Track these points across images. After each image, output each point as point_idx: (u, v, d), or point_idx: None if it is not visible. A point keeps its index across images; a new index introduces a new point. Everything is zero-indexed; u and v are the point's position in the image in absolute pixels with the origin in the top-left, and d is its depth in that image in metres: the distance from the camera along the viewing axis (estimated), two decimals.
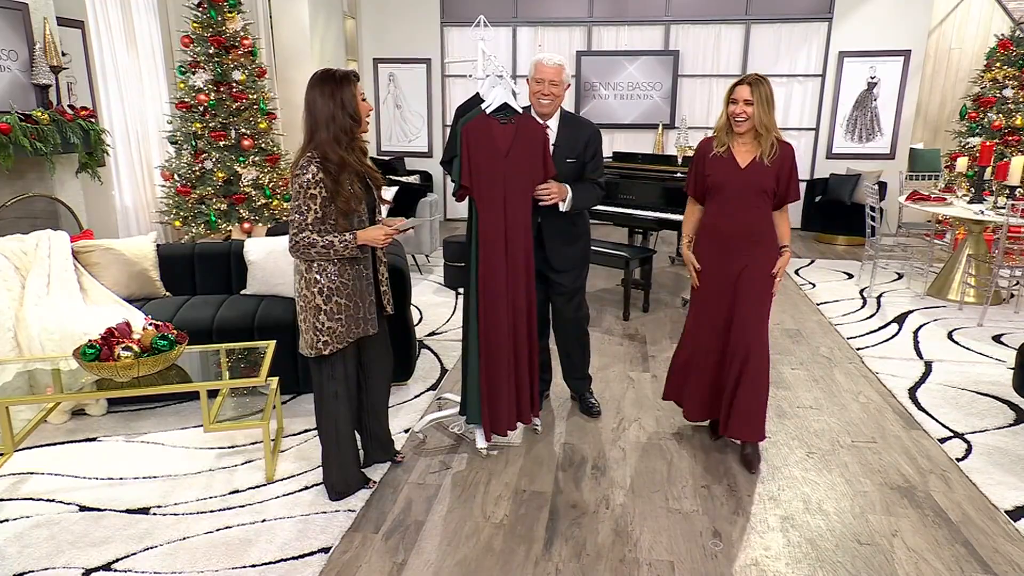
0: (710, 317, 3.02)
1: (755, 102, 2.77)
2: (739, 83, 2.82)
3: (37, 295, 3.40)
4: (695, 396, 3.15)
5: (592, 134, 3.18)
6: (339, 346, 2.55)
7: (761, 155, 2.83)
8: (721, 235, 2.94)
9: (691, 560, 2.42)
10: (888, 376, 4.02)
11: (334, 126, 2.43)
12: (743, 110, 2.79)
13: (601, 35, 8.43)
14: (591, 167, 3.18)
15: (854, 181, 7.46)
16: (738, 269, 2.91)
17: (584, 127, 3.20)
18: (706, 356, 3.05)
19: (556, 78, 3.03)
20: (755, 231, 2.90)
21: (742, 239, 2.90)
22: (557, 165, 3.07)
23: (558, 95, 3.07)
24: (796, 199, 2.92)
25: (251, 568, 2.34)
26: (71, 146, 4.36)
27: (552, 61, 3.04)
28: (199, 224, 5.44)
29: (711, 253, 2.98)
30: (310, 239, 2.43)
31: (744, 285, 2.91)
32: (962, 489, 2.88)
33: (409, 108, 8.88)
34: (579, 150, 3.14)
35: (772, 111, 2.80)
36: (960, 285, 5.43)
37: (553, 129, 3.13)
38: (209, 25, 5.32)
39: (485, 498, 2.78)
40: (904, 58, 7.84)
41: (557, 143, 3.12)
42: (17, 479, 2.89)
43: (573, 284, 3.29)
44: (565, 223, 3.18)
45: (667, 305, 5.44)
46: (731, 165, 2.88)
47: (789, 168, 2.85)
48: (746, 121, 2.80)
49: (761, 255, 2.91)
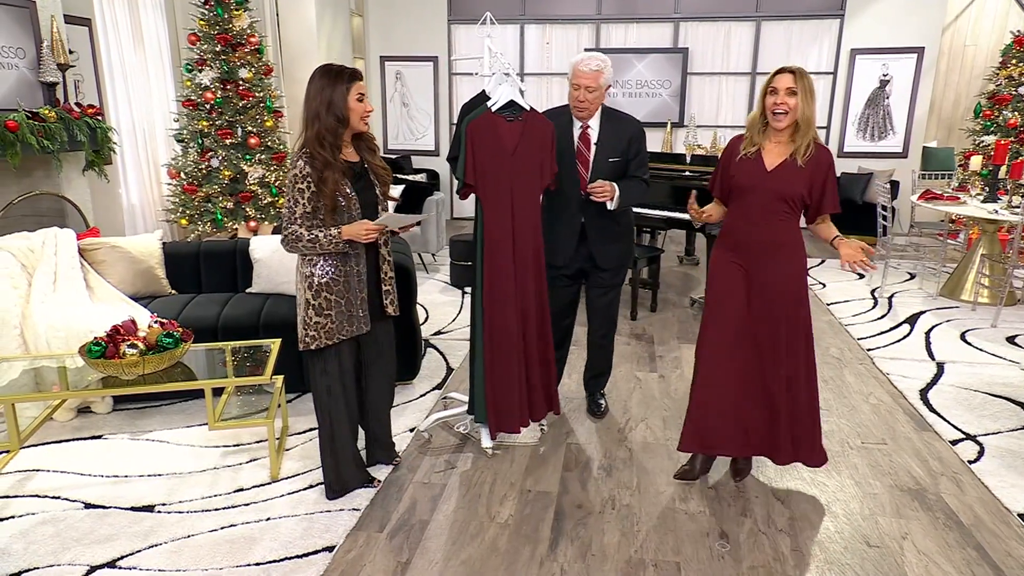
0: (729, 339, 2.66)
1: (799, 92, 2.44)
2: (779, 72, 2.48)
3: (43, 293, 3.40)
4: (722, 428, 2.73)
5: (636, 132, 3.08)
6: (328, 342, 2.54)
7: (794, 155, 2.51)
8: (740, 244, 2.64)
9: (698, 561, 2.39)
10: (899, 377, 3.97)
11: (318, 124, 2.42)
12: (784, 101, 2.45)
13: (610, 33, 8.38)
14: (635, 164, 3.09)
15: (865, 180, 7.38)
16: (759, 285, 2.62)
17: (627, 124, 3.10)
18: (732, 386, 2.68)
19: (593, 84, 2.93)
20: (778, 243, 2.59)
21: (763, 251, 2.60)
22: (599, 164, 3.03)
23: (595, 101, 2.98)
24: (834, 210, 2.58)
25: (255, 566, 2.33)
26: (78, 144, 4.37)
27: (589, 67, 2.92)
28: (205, 222, 5.44)
29: (728, 264, 2.67)
30: (297, 232, 2.44)
31: (773, 307, 2.61)
32: (974, 492, 2.83)
33: (416, 106, 8.86)
34: (622, 148, 3.05)
35: (815, 104, 2.50)
36: (973, 285, 5.36)
37: (595, 128, 3.06)
38: (216, 23, 5.33)
39: (490, 498, 2.76)
40: (917, 55, 7.75)
41: (599, 141, 3.05)
42: (23, 476, 2.90)
43: (612, 280, 3.27)
44: (609, 221, 3.12)
45: (675, 305, 5.40)
46: (757, 167, 2.57)
47: (825, 173, 2.53)
48: (787, 115, 2.47)
49: (786, 268, 2.61)
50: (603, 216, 3.09)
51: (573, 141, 3.07)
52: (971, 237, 6.38)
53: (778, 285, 2.62)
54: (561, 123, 3.05)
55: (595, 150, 3.05)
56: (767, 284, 2.62)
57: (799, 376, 2.67)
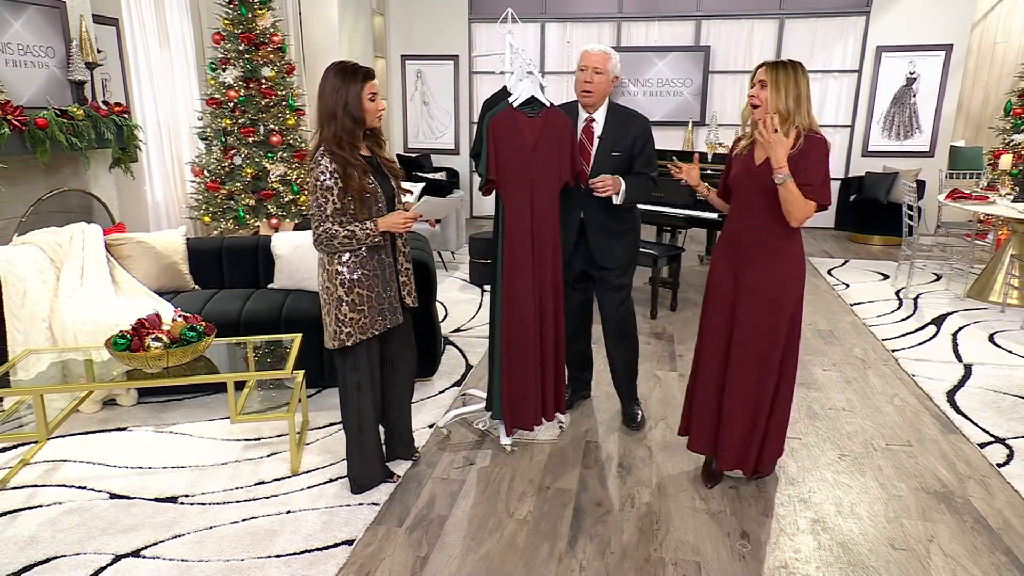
0: (713, 335, 2.69)
1: (769, 84, 2.39)
2: (760, 65, 2.47)
3: (71, 287, 3.46)
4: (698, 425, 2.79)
5: (641, 129, 3.03)
6: (362, 337, 2.55)
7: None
8: (731, 243, 2.62)
9: (718, 561, 2.37)
10: (925, 379, 3.90)
11: (335, 125, 2.43)
12: (756, 93, 2.45)
13: (631, 31, 8.34)
14: (641, 161, 3.05)
15: (891, 180, 7.26)
16: (746, 284, 2.56)
17: (633, 121, 3.04)
18: (708, 380, 2.72)
19: (600, 65, 2.90)
20: (770, 242, 2.52)
21: (751, 251, 2.54)
22: (601, 158, 2.99)
23: (600, 84, 2.93)
24: (814, 197, 2.39)
25: (276, 558, 2.35)
26: (105, 141, 4.45)
27: (597, 48, 2.93)
28: (228, 219, 5.50)
29: (723, 262, 2.65)
30: (331, 230, 2.44)
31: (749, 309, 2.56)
32: (1003, 495, 2.77)
33: (436, 105, 8.89)
34: (626, 144, 3.01)
35: (793, 99, 2.38)
36: (1003, 287, 5.25)
37: (599, 121, 3.02)
38: (240, 22, 5.39)
39: (509, 494, 2.76)
40: (945, 53, 7.61)
41: (603, 136, 3.02)
42: (50, 466, 2.95)
43: (619, 280, 3.15)
44: (609, 218, 3.05)
45: (695, 304, 5.35)
46: (746, 162, 2.55)
47: (813, 161, 2.39)
48: (759, 108, 2.44)
49: (769, 270, 2.53)
50: (604, 211, 3.03)
51: (576, 133, 3.02)
52: (1000, 237, 6.25)
53: (757, 286, 2.55)
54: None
55: (598, 144, 3.01)
56: (747, 285, 2.57)
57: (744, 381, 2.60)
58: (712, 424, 2.74)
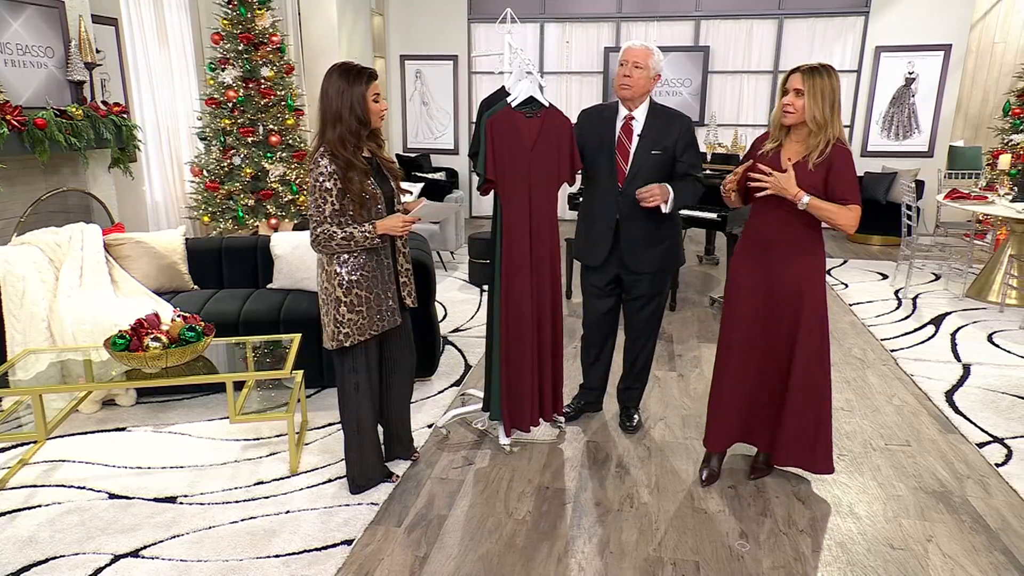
0: (751, 334, 2.68)
1: (806, 93, 2.41)
2: (793, 71, 2.47)
3: (70, 287, 3.46)
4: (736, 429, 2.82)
5: (684, 130, 2.95)
6: (360, 338, 2.55)
7: (807, 157, 2.48)
8: (757, 243, 2.64)
9: (717, 560, 2.37)
10: (923, 379, 3.91)
11: (341, 127, 2.42)
12: (791, 102, 2.45)
13: (630, 31, 8.34)
14: (686, 162, 2.95)
15: (889, 180, 7.27)
16: (789, 282, 2.59)
17: (676, 121, 2.96)
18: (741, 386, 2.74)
19: (641, 60, 2.84)
20: (795, 241, 2.57)
21: (778, 250, 2.58)
22: (640, 156, 2.93)
23: (640, 79, 2.85)
24: (848, 200, 2.46)
25: (275, 558, 2.35)
26: (104, 141, 4.44)
27: (640, 44, 2.89)
28: (227, 219, 5.50)
29: (748, 263, 2.67)
30: (329, 231, 2.44)
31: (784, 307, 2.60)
32: (1002, 495, 2.78)
33: (436, 105, 8.89)
34: (667, 143, 2.94)
35: (829, 106, 2.41)
36: (1001, 287, 5.25)
37: (639, 119, 2.95)
38: (239, 22, 5.38)
39: (508, 494, 2.76)
40: (944, 52, 7.62)
41: (643, 134, 2.95)
42: (50, 466, 2.95)
43: (650, 290, 3.08)
44: (648, 224, 2.97)
45: (695, 304, 5.36)
46: (773, 165, 2.54)
47: (840, 169, 2.45)
48: (793, 115, 2.46)
49: (797, 269, 2.57)
50: (642, 214, 2.94)
51: (615, 131, 2.98)
52: (999, 238, 6.26)
53: (789, 285, 2.59)
54: (605, 115, 3.00)
55: (637, 142, 2.95)
56: (779, 284, 2.61)
57: (808, 377, 2.63)
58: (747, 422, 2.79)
